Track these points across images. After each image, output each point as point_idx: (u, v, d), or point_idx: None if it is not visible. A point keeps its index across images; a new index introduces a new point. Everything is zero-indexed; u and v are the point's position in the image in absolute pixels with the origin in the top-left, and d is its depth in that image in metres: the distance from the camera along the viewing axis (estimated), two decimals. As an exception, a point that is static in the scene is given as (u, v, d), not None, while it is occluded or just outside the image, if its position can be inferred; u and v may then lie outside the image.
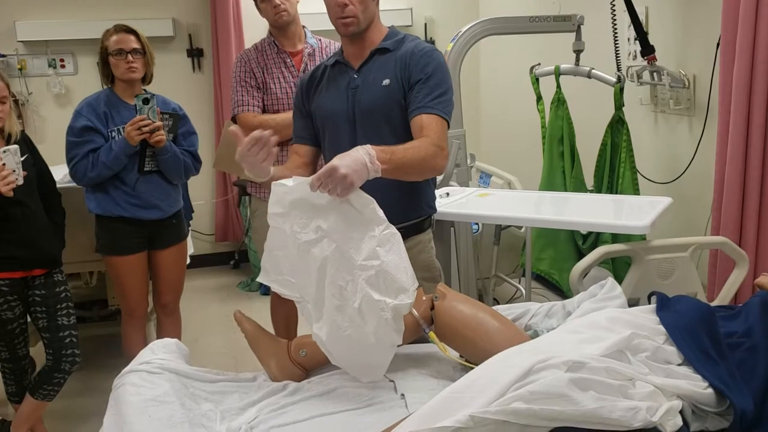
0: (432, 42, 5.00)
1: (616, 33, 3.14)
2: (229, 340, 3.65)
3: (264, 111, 2.76)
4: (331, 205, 1.60)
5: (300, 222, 1.65)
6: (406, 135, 1.89)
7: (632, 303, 1.96)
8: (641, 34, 3.06)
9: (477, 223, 3.59)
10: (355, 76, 1.99)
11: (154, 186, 2.73)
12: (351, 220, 1.60)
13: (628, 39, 3.36)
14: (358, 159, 1.57)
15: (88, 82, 4.48)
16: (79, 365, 2.56)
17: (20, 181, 2.32)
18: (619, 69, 3.19)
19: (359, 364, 1.68)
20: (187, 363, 1.80)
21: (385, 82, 1.94)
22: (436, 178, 2.20)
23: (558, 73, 3.44)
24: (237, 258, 5.07)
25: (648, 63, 3.10)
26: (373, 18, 1.97)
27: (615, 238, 3.07)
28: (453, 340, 1.71)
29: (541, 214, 2.80)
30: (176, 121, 2.72)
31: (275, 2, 2.67)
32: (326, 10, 1.95)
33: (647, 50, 3.06)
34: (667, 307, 1.68)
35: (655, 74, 3.16)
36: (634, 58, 3.36)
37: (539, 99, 3.61)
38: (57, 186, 2.67)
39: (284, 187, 1.66)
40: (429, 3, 5.13)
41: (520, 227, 3.63)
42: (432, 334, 1.70)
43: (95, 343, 3.53)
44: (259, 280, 1.77)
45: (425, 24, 5.13)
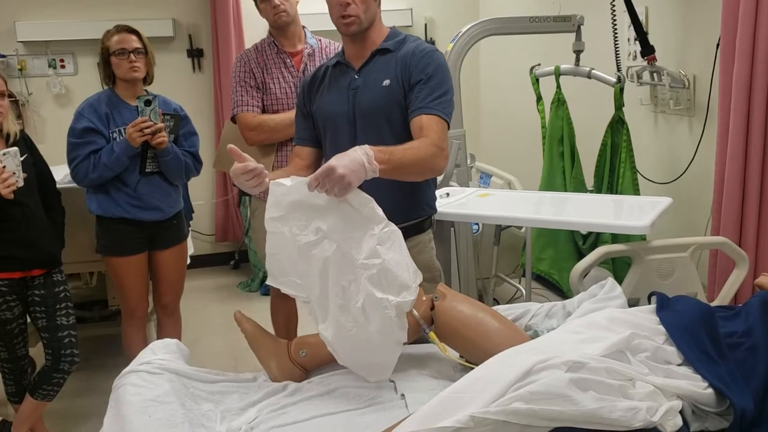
0: (432, 42, 5.00)
1: (616, 33, 3.14)
2: (229, 340, 3.65)
3: (263, 111, 2.76)
4: (329, 206, 1.60)
5: (299, 224, 1.65)
6: (407, 135, 1.89)
7: (632, 303, 1.96)
8: (641, 35, 3.06)
9: (477, 224, 3.59)
10: (355, 76, 1.99)
11: (155, 187, 2.73)
12: (350, 219, 1.60)
13: (628, 39, 3.36)
14: (356, 159, 1.57)
15: (88, 83, 4.48)
16: (78, 365, 2.56)
17: (20, 183, 2.33)
18: (619, 69, 3.19)
19: (366, 364, 1.68)
20: (187, 363, 1.81)
21: (386, 82, 1.94)
22: (437, 178, 2.20)
23: (558, 73, 3.44)
24: (237, 258, 5.07)
25: (648, 63, 3.10)
26: (374, 18, 1.97)
27: (615, 238, 3.07)
28: (453, 341, 1.71)
29: (541, 214, 2.80)
30: (177, 121, 2.72)
31: (275, 2, 2.67)
32: (328, 9, 1.95)
33: (647, 50, 3.06)
34: (667, 307, 1.69)
35: (655, 74, 3.16)
36: (634, 58, 3.36)
37: (539, 99, 3.61)
38: (57, 185, 2.67)
39: (282, 187, 1.66)
40: (429, 3, 5.13)
41: (520, 227, 3.63)
42: (432, 335, 1.70)
43: (95, 343, 3.53)
44: (268, 283, 1.79)
45: (425, 24, 5.13)
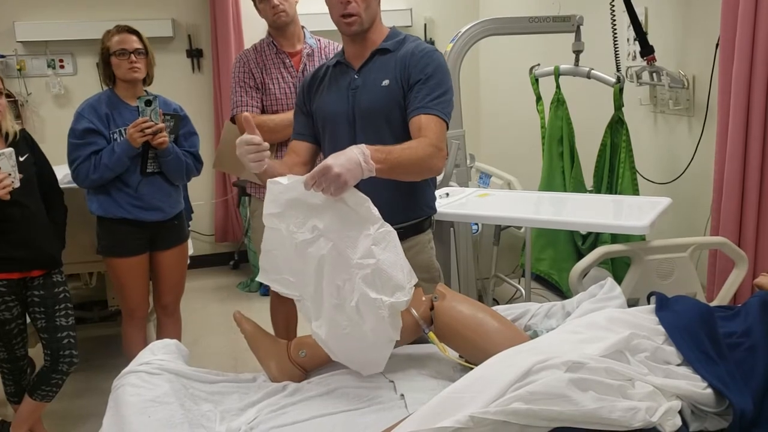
0: (432, 42, 5.00)
1: (615, 33, 3.14)
2: (229, 340, 3.65)
3: (263, 111, 2.76)
4: (326, 204, 1.61)
5: (296, 222, 1.65)
6: (406, 135, 1.88)
7: (632, 303, 1.96)
8: (641, 35, 3.06)
9: (477, 224, 3.59)
10: (355, 76, 1.99)
11: (157, 187, 2.72)
12: (346, 218, 1.60)
13: (628, 39, 3.36)
14: (352, 158, 1.57)
15: (87, 83, 4.49)
16: (77, 366, 2.55)
17: (17, 184, 2.32)
18: (618, 69, 3.19)
19: (359, 360, 1.70)
20: (186, 364, 1.80)
21: (385, 82, 1.93)
22: (436, 178, 2.20)
23: (557, 73, 3.44)
24: (237, 258, 5.07)
25: (647, 63, 3.10)
26: (375, 17, 1.97)
27: (614, 238, 3.07)
28: (452, 341, 1.71)
29: (540, 214, 2.80)
30: (177, 122, 2.72)
31: (274, 2, 2.67)
32: (328, 9, 1.94)
33: (646, 51, 3.06)
34: (666, 308, 1.69)
35: (654, 75, 3.16)
36: (634, 58, 3.36)
37: (539, 99, 3.61)
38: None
39: (279, 185, 1.66)
40: (429, 3, 5.13)
41: (519, 227, 3.64)
42: (431, 335, 1.70)
43: (95, 343, 3.53)
44: (259, 279, 1.77)
45: (425, 24, 5.13)
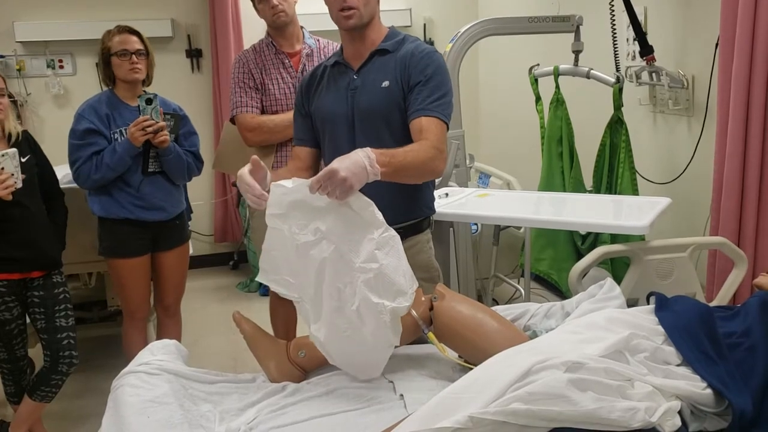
0: (431, 42, 5.00)
1: (615, 33, 3.14)
2: (229, 340, 3.65)
3: (262, 112, 2.75)
4: (330, 207, 1.60)
5: (299, 223, 1.65)
6: (405, 137, 1.88)
7: (631, 303, 1.96)
8: (640, 35, 3.06)
9: (476, 224, 3.59)
10: (354, 77, 1.98)
11: (158, 187, 2.72)
12: (350, 222, 1.60)
13: (627, 39, 3.36)
14: (358, 162, 1.57)
15: (86, 83, 4.49)
16: (77, 367, 2.55)
17: (19, 185, 2.32)
18: (618, 69, 3.19)
19: (357, 364, 1.69)
20: (185, 364, 1.80)
21: (385, 83, 1.93)
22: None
23: (557, 73, 3.44)
24: (236, 258, 5.07)
25: (647, 63, 3.10)
26: (374, 14, 1.96)
27: (614, 238, 3.07)
28: (452, 341, 1.71)
29: (540, 214, 2.80)
30: (177, 121, 2.72)
31: (273, 3, 2.67)
32: (327, 8, 1.94)
33: (646, 50, 3.06)
34: (665, 308, 1.68)
35: (654, 74, 3.16)
36: (633, 58, 3.36)
37: (538, 99, 3.61)
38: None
39: (283, 188, 1.65)
40: (428, 3, 5.13)
41: (519, 227, 3.63)
42: (431, 335, 1.70)
43: (95, 344, 3.53)
44: (258, 279, 1.77)
45: (424, 24, 5.13)
